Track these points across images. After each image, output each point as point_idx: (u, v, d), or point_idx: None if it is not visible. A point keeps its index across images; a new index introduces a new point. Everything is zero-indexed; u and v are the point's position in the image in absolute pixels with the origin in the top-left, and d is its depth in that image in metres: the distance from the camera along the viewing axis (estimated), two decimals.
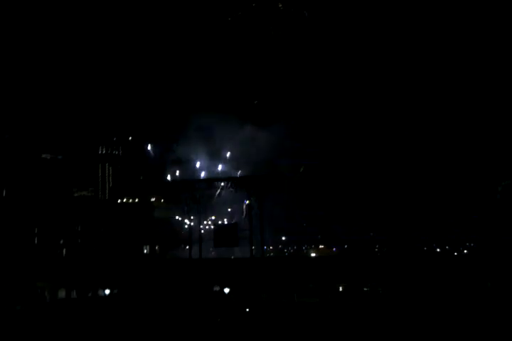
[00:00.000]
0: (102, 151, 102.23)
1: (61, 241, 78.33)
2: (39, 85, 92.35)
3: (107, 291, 60.19)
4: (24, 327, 50.39)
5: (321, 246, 75.35)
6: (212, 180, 73.29)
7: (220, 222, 75.89)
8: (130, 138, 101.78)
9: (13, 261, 64.66)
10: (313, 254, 74.64)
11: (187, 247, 73.82)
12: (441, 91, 78.12)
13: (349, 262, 61.63)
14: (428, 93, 78.16)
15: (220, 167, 77.52)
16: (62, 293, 62.11)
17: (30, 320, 53.03)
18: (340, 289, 60.32)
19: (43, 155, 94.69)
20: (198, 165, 75.14)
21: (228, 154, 78.57)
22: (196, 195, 74.40)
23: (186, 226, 76.00)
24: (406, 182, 74.32)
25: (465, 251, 69.36)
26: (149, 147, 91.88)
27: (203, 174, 75.40)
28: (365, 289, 59.33)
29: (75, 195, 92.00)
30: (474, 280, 53.06)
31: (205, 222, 76.41)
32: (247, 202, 74.93)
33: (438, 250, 69.46)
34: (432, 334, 44.25)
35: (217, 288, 61.59)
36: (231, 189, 74.59)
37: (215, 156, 78.64)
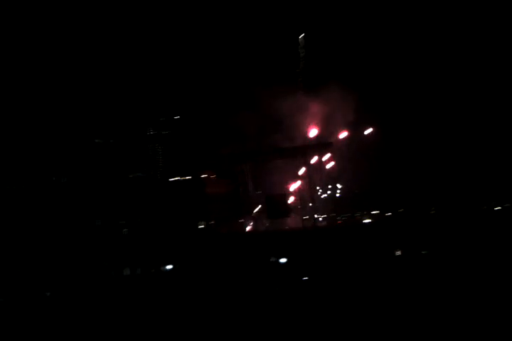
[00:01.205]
0: (150, 132, 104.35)
1: (122, 222, 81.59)
2: (86, 72, 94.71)
3: (169, 266, 62.69)
4: (93, 302, 53.55)
5: (374, 212, 74.56)
6: (261, 152, 73.61)
7: (271, 194, 76.55)
8: (177, 117, 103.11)
9: (79, 242, 68.27)
10: (367, 220, 74.05)
11: (241, 220, 75.30)
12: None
13: (404, 226, 60.88)
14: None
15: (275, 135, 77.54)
16: (127, 271, 65.19)
17: (98, 297, 56.19)
18: (398, 253, 59.77)
19: (96, 140, 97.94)
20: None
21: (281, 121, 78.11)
22: (246, 168, 75.16)
23: (239, 200, 77.14)
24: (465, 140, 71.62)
25: None
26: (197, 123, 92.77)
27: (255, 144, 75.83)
28: (423, 252, 58.49)
29: (130, 176, 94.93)
30: None
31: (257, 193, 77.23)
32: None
33: (498, 208, 66.98)
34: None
35: (273, 259, 62.66)
36: (279, 160, 74.84)
37: (268, 126, 78.55)
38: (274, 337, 41.73)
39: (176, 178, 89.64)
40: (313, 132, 76.15)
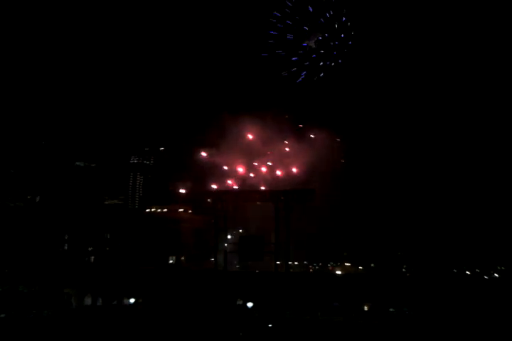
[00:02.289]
0: (133, 161, 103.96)
1: (90, 248, 79.56)
2: (76, 96, 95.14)
3: (132, 300, 60.72)
4: (50, 332, 51.24)
5: (346, 264, 74.23)
6: (239, 192, 73.32)
7: (246, 235, 75.64)
8: (162, 148, 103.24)
9: (43, 266, 66.02)
10: (338, 272, 73.51)
11: (212, 259, 73.82)
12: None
13: (375, 281, 60.54)
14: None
15: (253, 175, 77.67)
16: (88, 300, 62.95)
17: (56, 326, 53.85)
18: (366, 309, 59.14)
19: (77, 163, 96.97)
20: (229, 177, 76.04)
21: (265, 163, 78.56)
22: (223, 207, 74.44)
23: (213, 238, 76.10)
24: (437, 202, 73.15)
25: (495, 275, 67.15)
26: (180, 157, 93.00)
27: (231, 184, 75.98)
28: (390, 310, 57.97)
29: (106, 202, 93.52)
30: (506, 305, 51.23)
31: (230, 236, 76.41)
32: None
33: (468, 273, 67.49)
34: None
35: (240, 302, 61.30)
36: (258, 202, 74.39)
37: (248, 167, 78.97)
38: None
39: (153, 209, 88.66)
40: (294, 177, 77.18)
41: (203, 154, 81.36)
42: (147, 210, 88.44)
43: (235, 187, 75.39)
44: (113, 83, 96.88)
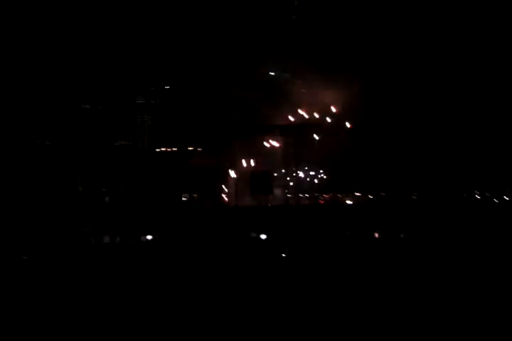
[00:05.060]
0: (140, 101, 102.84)
1: (104, 190, 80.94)
2: (78, 36, 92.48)
3: (149, 237, 62.97)
4: (74, 267, 53.71)
5: (357, 194, 75.22)
6: (248, 128, 73.32)
7: (255, 171, 76.71)
8: (168, 87, 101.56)
9: (60, 208, 67.90)
10: (348, 202, 74.74)
11: (224, 195, 75.42)
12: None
13: (385, 209, 61.76)
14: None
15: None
16: (106, 239, 65.30)
17: (79, 262, 56.37)
18: (376, 236, 60.73)
19: (83, 106, 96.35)
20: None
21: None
22: (233, 144, 74.97)
23: (224, 175, 77.10)
24: (446, 130, 72.09)
25: (505, 198, 67.72)
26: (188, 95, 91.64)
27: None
28: (401, 236, 59.51)
29: (115, 144, 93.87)
30: None
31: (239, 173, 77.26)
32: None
33: (478, 197, 68.11)
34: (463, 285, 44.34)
35: (253, 235, 63.25)
36: (266, 137, 74.62)
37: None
38: (253, 313, 42.62)
39: (163, 149, 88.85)
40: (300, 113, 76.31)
41: (212, 91, 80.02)
42: (157, 150, 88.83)
43: None
44: (117, 25, 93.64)
